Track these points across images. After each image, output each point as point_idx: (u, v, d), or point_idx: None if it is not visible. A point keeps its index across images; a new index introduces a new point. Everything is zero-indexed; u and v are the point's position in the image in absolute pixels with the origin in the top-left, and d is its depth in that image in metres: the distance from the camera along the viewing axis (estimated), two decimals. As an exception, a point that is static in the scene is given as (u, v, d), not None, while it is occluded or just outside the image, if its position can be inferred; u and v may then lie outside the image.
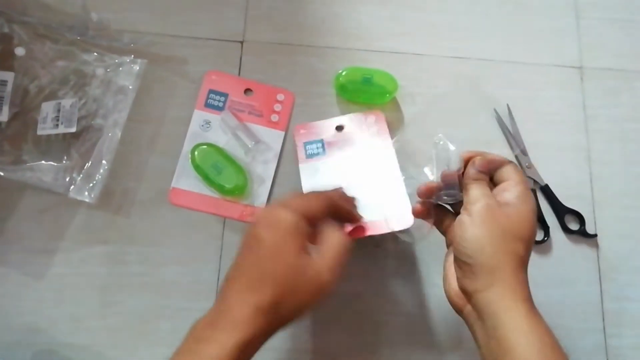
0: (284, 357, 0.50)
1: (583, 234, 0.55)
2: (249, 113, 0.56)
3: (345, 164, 0.52)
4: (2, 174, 0.50)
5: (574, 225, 0.56)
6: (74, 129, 0.52)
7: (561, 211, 0.55)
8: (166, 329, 0.50)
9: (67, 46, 0.55)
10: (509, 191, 0.39)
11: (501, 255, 0.36)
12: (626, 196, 0.57)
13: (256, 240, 0.36)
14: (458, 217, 0.39)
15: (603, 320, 0.53)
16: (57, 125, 0.52)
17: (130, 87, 0.54)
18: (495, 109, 0.58)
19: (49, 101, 0.53)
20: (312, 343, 0.51)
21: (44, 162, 0.51)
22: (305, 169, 0.54)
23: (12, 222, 0.52)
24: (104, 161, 0.52)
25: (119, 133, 0.53)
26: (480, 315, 0.36)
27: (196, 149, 0.53)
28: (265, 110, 0.56)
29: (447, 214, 0.44)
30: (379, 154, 0.52)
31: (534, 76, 0.60)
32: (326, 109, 0.57)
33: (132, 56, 0.55)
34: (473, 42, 0.61)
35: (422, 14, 0.61)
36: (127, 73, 0.55)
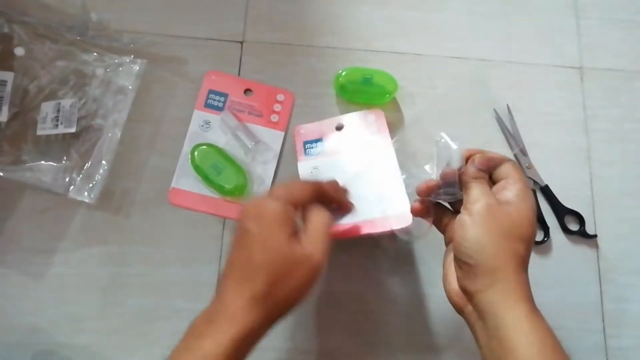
0: (285, 357, 0.50)
1: (583, 235, 0.55)
2: (248, 113, 0.56)
3: (345, 163, 0.52)
4: (1, 174, 0.50)
5: (573, 226, 0.56)
6: (73, 129, 0.52)
7: (561, 212, 0.55)
8: (166, 329, 0.50)
9: (67, 46, 0.55)
10: (509, 189, 0.39)
11: (502, 255, 0.36)
12: (626, 197, 0.57)
13: (244, 234, 0.37)
14: (458, 217, 0.39)
15: (603, 321, 0.53)
16: (57, 125, 0.52)
17: (130, 87, 0.54)
18: (495, 109, 0.58)
19: (48, 101, 0.53)
20: (313, 343, 0.51)
21: (43, 162, 0.51)
22: (305, 168, 0.54)
23: (12, 223, 0.52)
24: (103, 161, 0.52)
25: (118, 133, 0.53)
26: (481, 316, 0.36)
27: (196, 149, 0.53)
28: (265, 111, 0.56)
29: (446, 213, 0.44)
30: (379, 153, 0.52)
31: (533, 76, 0.60)
32: (326, 109, 0.57)
33: (132, 56, 0.55)
34: (473, 42, 0.61)
35: (422, 14, 0.61)
36: (127, 73, 0.54)
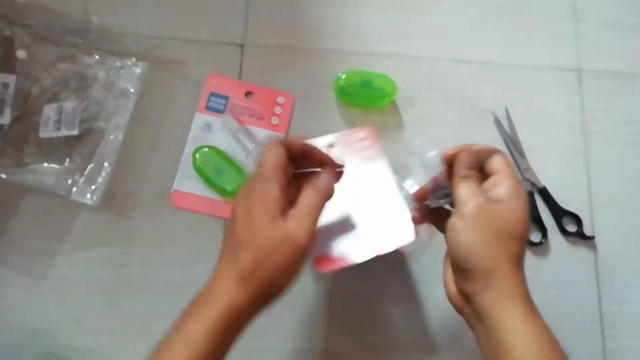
0: (285, 358, 0.51)
1: (581, 236, 0.56)
2: (249, 116, 0.56)
3: (341, 182, 0.48)
4: (4, 176, 0.51)
5: (571, 228, 0.56)
6: (75, 132, 0.52)
7: (559, 213, 0.56)
8: (168, 330, 0.50)
9: (69, 49, 0.55)
10: (500, 185, 0.38)
11: (496, 256, 0.36)
12: (624, 198, 0.58)
13: (233, 218, 0.38)
14: (450, 221, 0.38)
15: (601, 322, 0.54)
16: (59, 128, 0.52)
17: (131, 90, 0.54)
18: (493, 111, 0.59)
19: (50, 104, 0.53)
20: (314, 344, 0.51)
21: (46, 164, 0.52)
22: None
23: (14, 225, 0.52)
24: (105, 164, 0.52)
25: (120, 136, 0.53)
26: (479, 317, 0.36)
27: (197, 151, 0.54)
28: (265, 113, 0.57)
29: (447, 214, 0.43)
30: (374, 170, 0.49)
31: (532, 79, 0.61)
32: (326, 111, 0.58)
33: (134, 59, 0.55)
34: (472, 45, 0.61)
35: (421, 18, 0.62)
36: (129, 76, 0.55)
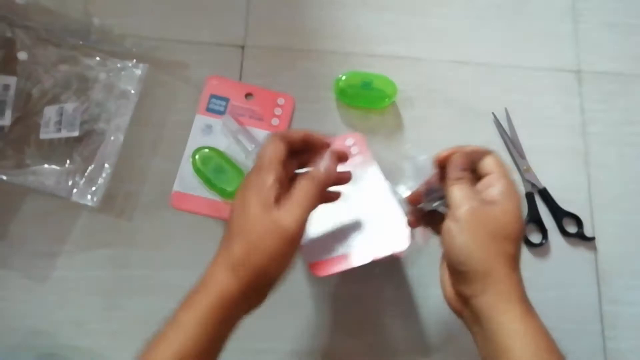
0: (286, 359, 0.51)
1: (581, 237, 0.56)
2: (249, 117, 0.56)
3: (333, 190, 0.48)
4: (4, 177, 0.51)
5: (571, 228, 0.56)
6: (76, 133, 0.52)
7: (559, 214, 0.56)
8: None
9: (70, 51, 0.55)
10: (494, 186, 0.38)
11: (492, 258, 0.36)
12: (624, 199, 0.58)
13: (231, 209, 0.39)
14: (444, 224, 0.38)
15: (601, 323, 0.54)
16: (60, 129, 0.52)
17: (132, 91, 0.55)
18: (493, 112, 0.59)
19: (51, 105, 0.53)
20: (313, 345, 0.51)
21: (46, 166, 0.52)
22: None
23: (15, 226, 0.52)
24: (106, 165, 0.52)
25: (121, 137, 0.53)
26: (477, 319, 0.36)
27: (197, 152, 0.54)
28: (265, 115, 0.57)
29: (441, 217, 0.43)
30: (365, 175, 0.50)
31: (532, 80, 0.61)
32: (326, 113, 0.58)
33: (135, 61, 0.55)
34: (471, 47, 0.61)
35: (421, 19, 0.62)
36: (130, 77, 0.55)
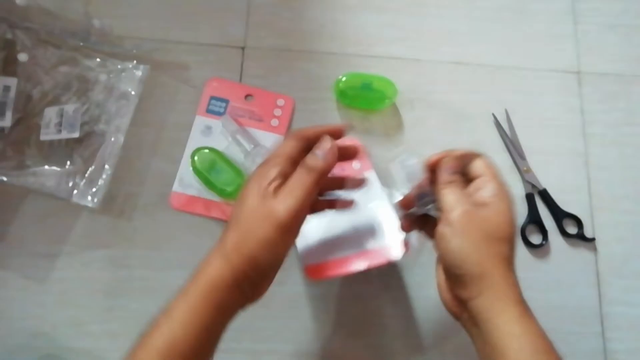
0: (285, 361, 0.51)
1: (581, 238, 0.56)
2: (249, 118, 0.57)
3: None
4: (5, 179, 0.51)
5: (572, 229, 0.56)
6: (76, 134, 0.52)
7: (559, 215, 0.56)
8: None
9: (70, 52, 0.55)
10: (484, 188, 0.38)
11: (488, 260, 0.36)
12: (624, 200, 0.58)
13: (234, 203, 0.40)
14: (438, 229, 0.38)
15: (602, 324, 0.54)
16: (60, 130, 0.52)
17: (132, 92, 0.55)
18: (493, 113, 0.59)
19: (51, 107, 0.53)
20: (314, 346, 0.51)
21: (47, 167, 0.52)
22: None
23: (15, 227, 0.52)
24: (106, 166, 0.52)
25: (121, 138, 0.53)
26: (475, 322, 0.36)
27: (196, 153, 0.54)
28: (265, 115, 0.57)
29: (434, 220, 0.43)
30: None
31: (532, 81, 0.61)
32: (326, 114, 0.58)
33: (135, 62, 0.56)
34: (471, 48, 0.61)
35: (421, 20, 0.62)
36: (130, 79, 0.55)
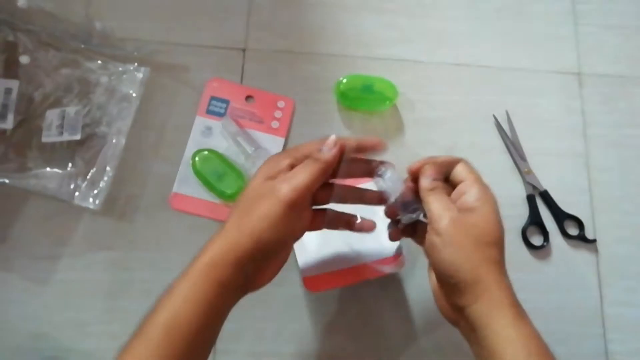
0: (286, 362, 0.51)
1: (582, 239, 0.55)
2: (249, 119, 0.57)
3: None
4: (7, 181, 0.51)
5: (573, 231, 0.56)
6: (78, 137, 0.52)
7: (560, 216, 0.56)
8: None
9: (71, 54, 0.56)
10: (468, 193, 0.38)
11: (480, 266, 0.36)
12: (625, 201, 0.58)
13: None
14: (428, 239, 0.38)
15: (603, 326, 0.54)
16: (62, 132, 0.52)
17: (133, 94, 0.55)
18: (494, 115, 0.59)
19: (53, 109, 0.53)
20: (315, 348, 0.51)
21: (48, 169, 0.52)
22: None
23: (17, 229, 0.52)
24: (108, 168, 0.52)
25: (122, 140, 0.53)
26: (472, 328, 0.37)
27: (197, 154, 0.54)
28: (265, 117, 0.57)
29: (420, 224, 0.43)
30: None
31: (532, 83, 0.61)
32: (327, 116, 0.58)
33: (136, 64, 0.56)
34: (472, 49, 0.61)
35: (421, 22, 0.62)
36: (131, 81, 0.55)
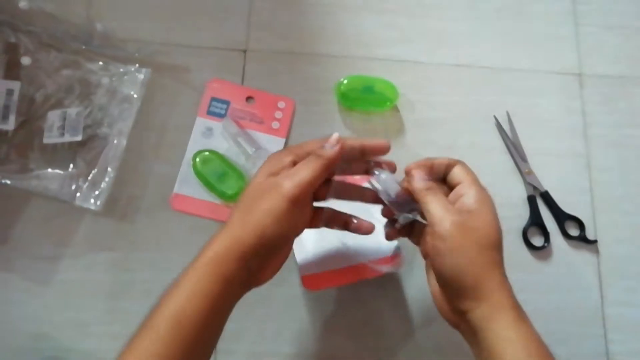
0: (287, 363, 0.51)
1: (583, 240, 0.55)
2: (250, 120, 0.57)
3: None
4: (8, 182, 0.51)
5: (574, 231, 0.56)
6: (79, 138, 0.53)
7: (561, 217, 0.56)
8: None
9: (73, 55, 0.56)
10: (466, 195, 0.39)
11: (483, 271, 0.36)
12: (626, 202, 0.58)
13: None
14: (430, 243, 0.38)
15: (604, 326, 0.54)
16: (63, 133, 0.53)
17: (135, 95, 0.55)
18: (494, 115, 0.59)
19: (54, 110, 0.53)
20: (315, 348, 0.51)
21: (50, 170, 0.52)
22: None
23: (18, 230, 0.52)
24: (109, 169, 0.52)
25: (124, 141, 0.53)
26: (474, 331, 0.37)
27: (197, 155, 0.54)
28: (266, 118, 0.57)
29: (417, 225, 0.43)
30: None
31: (533, 83, 0.61)
32: (327, 116, 0.58)
33: (137, 65, 0.56)
34: (473, 50, 0.61)
35: (422, 22, 0.62)
36: (132, 82, 0.55)
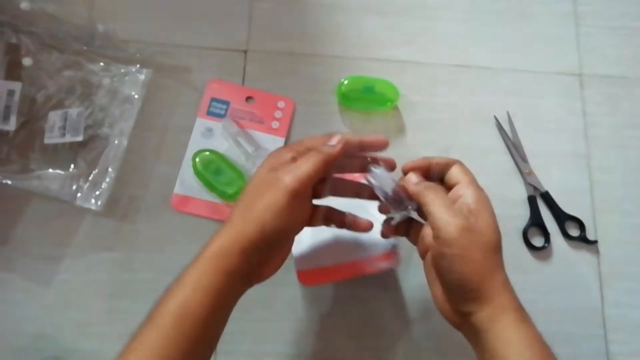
0: (287, 363, 0.51)
1: (583, 240, 0.55)
2: (250, 120, 0.57)
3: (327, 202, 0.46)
4: (9, 182, 0.51)
5: (574, 232, 0.56)
6: (80, 138, 0.53)
7: (561, 217, 0.56)
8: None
9: (74, 56, 0.56)
10: (464, 195, 0.39)
11: (487, 274, 0.37)
12: (626, 202, 0.57)
13: None
14: (436, 249, 0.38)
15: (604, 327, 0.54)
16: (64, 134, 0.53)
17: (136, 96, 0.55)
18: (495, 116, 0.59)
19: (56, 110, 0.54)
20: (315, 348, 0.51)
21: (51, 170, 0.52)
22: None
23: (19, 230, 0.52)
24: (110, 169, 0.53)
25: (125, 141, 0.53)
26: (476, 332, 0.37)
27: (197, 155, 0.54)
28: (266, 118, 0.57)
29: (415, 223, 0.43)
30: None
31: (533, 84, 0.61)
32: (328, 116, 0.58)
33: (138, 66, 0.56)
34: (473, 50, 0.61)
35: (422, 23, 0.62)
36: (133, 82, 0.55)
